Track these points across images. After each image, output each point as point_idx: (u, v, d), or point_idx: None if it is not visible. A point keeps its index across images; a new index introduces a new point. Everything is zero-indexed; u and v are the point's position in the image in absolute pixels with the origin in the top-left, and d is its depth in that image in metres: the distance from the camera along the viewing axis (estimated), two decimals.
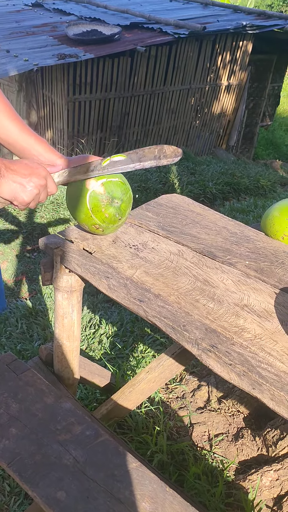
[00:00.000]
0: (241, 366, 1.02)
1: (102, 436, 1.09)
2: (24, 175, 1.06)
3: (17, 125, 1.19)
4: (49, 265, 1.40)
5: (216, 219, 1.61)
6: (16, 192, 1.06)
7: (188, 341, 1.08)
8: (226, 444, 1.79)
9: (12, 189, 1.05)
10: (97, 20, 6.94)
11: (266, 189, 5.86)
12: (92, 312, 2.73)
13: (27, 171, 1.07)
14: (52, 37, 6.52)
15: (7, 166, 1.05)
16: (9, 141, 1.20)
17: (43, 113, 6.87)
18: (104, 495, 0.95)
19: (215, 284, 1.26)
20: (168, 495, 0.95)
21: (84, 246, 1.37)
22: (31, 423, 1.12)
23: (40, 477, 0.99)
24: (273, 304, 1.20)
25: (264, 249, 1.44)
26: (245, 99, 8.33)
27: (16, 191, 1.06)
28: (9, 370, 1.29)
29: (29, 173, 1.07)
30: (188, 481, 1.62)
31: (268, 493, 1.57)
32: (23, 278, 3.55)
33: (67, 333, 1.50)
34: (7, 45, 6.18)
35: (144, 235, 1.46)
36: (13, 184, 1.05)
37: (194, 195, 5.36)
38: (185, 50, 6.93)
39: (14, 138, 1.19)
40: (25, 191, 1.07)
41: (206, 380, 2.06)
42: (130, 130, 7.13)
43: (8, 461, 1.02)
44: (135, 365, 2.20)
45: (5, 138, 1.20)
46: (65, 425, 1.11)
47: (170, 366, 1.68)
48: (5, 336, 2.59)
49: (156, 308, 1.15)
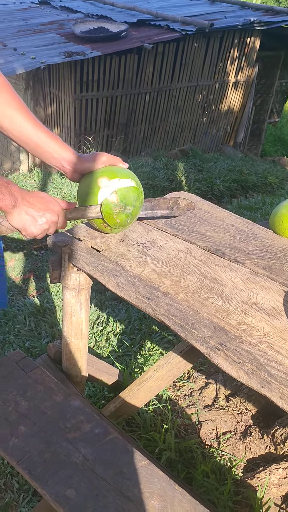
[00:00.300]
0: (250, 364, 1.01)
1: (111, 434, 1.09)
2: (38, 209, 1.08)
3: (31, 122, 1.19)
4: (57, 263, 1.40)
5: (224, 217, 1.60)
6: (26, 224, 1.08)
7: (197, 339, 1.07)
8: (234, 442, 1.78)
9: (24, 220, 1.08)
10: (104, 17, 6.93)
11: (274, 186, 5.82)
12: (99, 309, 2.74)
13: (42, 206, 1.09)
14: (59, 35, 6.53)
15: (24, 197, 1.07)
16: (23, 138, 1.20)
17: (50, 111, 6.88)
18: (113, 493, 0.95)
19: (224, 282, 1.26)
20: (177, 493, 0.95)
21: (92, 244, 1.37)
22: (40, 421, 1.13)
23: (50, 475, 0.99)
24: (282, 302, 1.20)
25: (272, 247, 1.43)
26: (253, 95, 8.28)
27: (27, 223, 1.08)
28: (18, 368, 1.30)
29: (44, 208, 1.09)
30: (197, 479, 1.62)
31: (277, 491, 1.56)
32: (31, 276, 3.56)
33: (75, 331, 1.51)
34: (14, 43, 6.19)
35: (152, 233, 1.46)
36: (25, 216, 1.07)
37: (202, 192, 5.34)
38: (193, 47, 6.90)
39: (28, 136, 1.19)
40: (36, 225, 1.09)
41: (214, 377, 2.06)
42: (137, 127, 7.12)
43: (18, 459, 1.03)
44: (142, 363, 2.20)
45: (19, 135, 1.20)
46: (74, 423, 1.12)
47: (178, 364, 1.68)
48: (14, 333, 2.61)
49: (164, 306, 1.15)
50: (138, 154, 7.17)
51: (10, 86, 1.21)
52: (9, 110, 1.19)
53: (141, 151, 7.31)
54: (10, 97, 1.19)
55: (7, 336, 2.59)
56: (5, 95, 1.18)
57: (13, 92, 1.21)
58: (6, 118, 1.19)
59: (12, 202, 1.04)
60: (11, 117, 1.19)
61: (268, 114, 9.13)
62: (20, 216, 1.07)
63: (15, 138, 1.22)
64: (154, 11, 7.11)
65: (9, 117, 1.19)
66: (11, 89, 1.21)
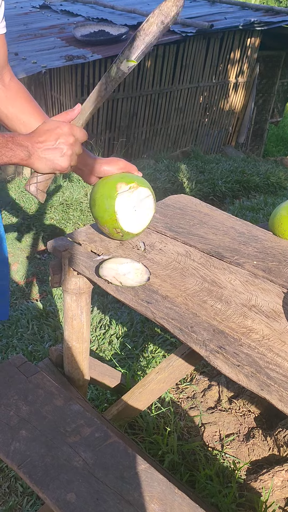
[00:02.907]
0: (249, 367, 1.01)
1: (111, 438, 1.09)
2: (52, 142, 1.03)
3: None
4: (57, 268, 1.41)
5: (224, 219, 1.60)
6: (52, 163, 1.04)
7: (196, 343, 1.08)
8: (237, 444, 1.78)
9: (47, 162, 1.03)
10: (104, 20, 6.95)
11: (277, 186, 5.82)
12: (102, 312, 2.74)
13: (53, 137, 1.03)
14: (59, 38, 6.55)
15: (33, 141, 1.02)
16: None
17: (52, 115, 6.90)
18: (113, 497, 0.96)
19: (223, 284, 1.26)
20: (177, 497, 0.95)
21: (92, 248, 1.38)
22: (41, 425, 1.13)
23: (50, 479, 1.00)
24: (281, 305, 1.20)
25: (272, 249, 1.43)
26: (254, 95, 8.27)
27: (52, 162, 1.04)
28: (19, 372, 1.30)
29: (55, 137, 1.04)
30: (200, 481, 1.62)
31: (280, 493, 1.56)
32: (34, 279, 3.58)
33: (76, 335, 1.51)
34: (15, 48, 6.22)
35: (152, 236, 1.46)
36: (46, 156, 1.03)
37: (204, 193, 5.34)
38: (193, 49, 6.91)
39: None
40: (60, 157, 1.04)
41: (216, 379, 2.06)
42: (139, 129, 7.13)
43: (19, 463, 1.03)
44: (145, 365, 2.20)
45: None
46: (75, 427, 1.12)
47: (180, 367, 1.68)
48: (17, 337, 2.61)
49: (163, 310, 1.16)
50: (140, 157, 7.18)
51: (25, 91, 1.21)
52: (24, 116, 1.19)
53: (143, 153, 7.32)
54: (25, 102, 1.19)
55: (10, 340, 2.60)
56: (20, 101, 1.19)
57: (28, 97, 1.21)
58: (21, 125, 1.20)
59: (26, 153, 1.00)
60: (26, 123, 1.19)
61: (270, 114, 9.12)
62: (41, 160, 1.03)
63: None
64: None
65: (24, 123, 1.20)
66: (26, 94, 1.21)
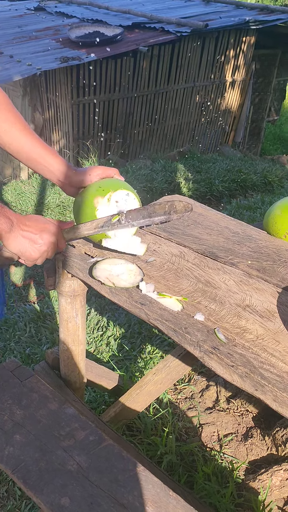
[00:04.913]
0: (243, 367, 1.01)
1: (105, 441, 1.09)
2: (35, 231, 1.06)
3: (27, 136, 1.21)
4: (52, 270, 1.41)
5: (218, 219, 1.60)
6: (24, 248, 1.05)
7: (190, 344, 1.07)
8: (235, 444, 1.78)
9: (21, 244, 1.05)
10: (99, 21, 6.94)
11: (274, 185, 5.82)
12: (99, 314, 2.74)
13: (38, 227, 1.06)
14: (54, 40, 6.54)
15: (19, 220, 1.04)
16: (19, 152, 1.22)
17: (48, 117, 6.90)
18: (108, 501, 0.95)
19: (217, 285, 1.25)
20: (172, 499, 0.95)
21: (86, 250, 1.38)
22: (35, 429, 1.13)
23: (45, 483, 0.99)
24: (276, 304, 1.19)
25: (266, 248, 1.43)
26: (251, 94, 8.28)
27: (24, 247, 1.05)
28: (13, 376, 1.30)
29: (40, 229, 1.07)
30: (198, 482, 1.62)
31: (279, 492, 1.56)
32: (31, 282, 3.57)
33: (72, 337, 1.51)
34: (10, 50, 6.21)
35: (146, 237, 1.46)
36: (23, 240, 1.05)
37: (201, 193, 5.34)
38: (188, 48, 6.91)
39: (24, 149, 1.21)
40: (34, 248, 1.07)
41: (214, 380, 2.06)
42: (135, 130, 7.13)
43: (13, 468, 1.03)
44: (143, 367, 2.20)
45: (15, 149, 1.22)
46: (69, 430, 1.12)
47: (177, 367, 1.67)
48: (14, 340, 2.61)
49: (157, 311, 1.15)
50: (137, 157, 7.17)
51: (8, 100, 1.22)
52: (6, 124, 1.20)
53: (139, 154, 7.32)
54: (7, 111, 1.20)
55: (7, 343, 2.59)
56: (2, 111, 1.19)
57: (10, 107, 1.22)
58: (2, 133, 1.20)
59: (8, 226, 1.01)
60: (7, 132, 1.20)
61: (266, 112, 9.12)
62: (17, 240, 1.04)
63: (12, 152, 1.23)
64: (148, 14, 7.12)
65: (5, 132, 1.20)
66: (8, 103, 1.22)
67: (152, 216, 1.14)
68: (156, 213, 1.14)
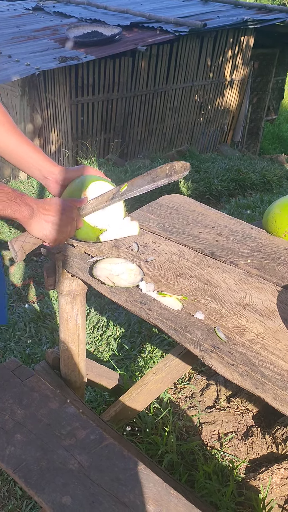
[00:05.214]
0: (244, 366, 1.01)
1: (106, 440, 1.09)
2: (55, 214, 1.09)
3: (15, 136, 1.22)
4: (52, 270, 1.41)
5: (217, 218, 1.60)
6: (47, 231, 1.09)
7: (190, 342, 1.07)
8: (236, 442, 1.78)
9: (44, 228, 1.09)
10: (97, 21, 6.94)
11: (273, 184, 5.81)
12: (99, 313, 2.74)
13: (57, 210, 1.10)
14: (53, 40, 6.53)
15: (39, 206, 1.08)
16: (7, 151, 1.23)
17: (47, 116, 6.89)
18: (109, 499, 0.95)
19: (217, 284, 1.26)
20: (173, 498, 0.95)
21: (86, 250, 1.38)
22: (36, 428, 1.13)
23: (46, 482, 0.99)
24: (276, 302, 1.20)
25: (266, 247, 1.43)
26: (249, 94, 8.27)
27: (48, 230, 1.09)
28: (14, 376, 1.30)
29: (60, 211, 1.10)
30: (199, 481, 1.62)
31: (279, 491, 1.56)
32: (31, 282, 3.57)
33: (72, 337, 1.51)
34: (9, 50, 6.20)
35: (146, 237, 1.46)
36: (45, 224, 1.08)
37: (200, 192, 5.34)
38: (187, 48, 6.91)
39: (12, 149, 1.22)
40: (57, 230, 1.10)
41: (214, 378, 2.06)
42: (134, 130, 7.13)
43: (14, 467, 1.03)
44: (143, 366, 2.20)
45: (3, 148, 1.22)
46: (70, 430, 1.12)
47: (177, 366, 1.67)
48: (14, 340, 2.61)
49: (157, 310, 1.15)
50: (136, 157, 7.17)
51: None
52: None
53: (138, 153, 7.31)
54: None
55: (8, 343, 2.59)
56: None
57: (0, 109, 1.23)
58: None
59: (29, 212, 1.05)
60: None
61: (265, 111, 9.12)
62: (40, 224, 1.08)
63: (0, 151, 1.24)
64: (147, 14, 7.12)
65: None
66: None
67: (156, 180, 1.17)
68: (159, 176, 1.17)
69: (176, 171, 1.17)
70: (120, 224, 1.29)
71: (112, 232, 1.27)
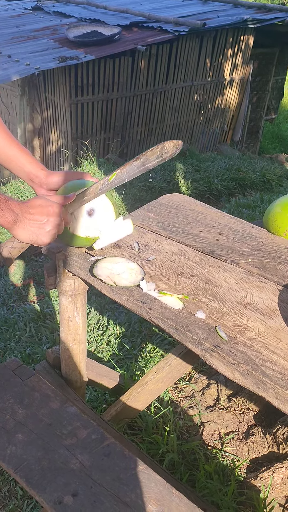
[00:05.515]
0: (245, 365, 1.01)
1: (107, 439, 1.09)
2: (41, 218, 1.08)
3: (5, 138, 1.23)
4: (52, 269, 1.41)
5: (218, 217, 1.60)
6: (34, 235, 1.09)
7: (192, 342, 1.07)
8: (236, 442, 1.78)
9: (30, 233, 1.08)
10: (97, 21, 6.94)
11: (273, 183, 5.82)
12: (100, 313, 2.74)
13: (43, 213, 1.09)
14: (52, 40, 6.54)
15: (23, 210, 1.07)
16: None
17: (47, 116, 6.89)
18: (110, 499, 0.95)
19: (218, 283, 1.25)
20: (175, 497, 0.95)
21: (86, 249, 1.37)
22: (37, 428, 1.13)
23: (47, 482, 0.99)
24: (277, 302, 1.19)
25: (266, 246, 1.43)
26: (249, 93, 8.28)
27: (34, 234, 1.09)
28: (15, 375, 1.30)
29: (46, 213, 1.09)
30: (200, 480, 1.62)
31: (280, 490, 1.56)
32: (31, 281, 3.57)
33: (72, 337, 1.51)
34: (8, 50, 6.20)
35: (146, 236, 1.46)
36: (30, 228, 1.08)
37: (200, 192, 5.34)
38: (186, 47, 6.91)
39: (1, 151, 1.22)
40: (43, 233, 1.10)
41: (215, 378, 2.06)
42: (134, 129, 7.13)
43: (15, 467, 1.03)
44: (143, 365, 2.20)
45: None
46: (71, 429, 1.12)
47: (178, 366, 1.67)
48: (15, 340, 2.61)
49: (158, 309, 1.15)
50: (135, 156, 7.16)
51: None
52: None
53: (138, 153, 7.31)
54: None
55: (8, 343, 2.59)
56: None
57: None
58: None
59: (13, 218, 1.04)
60: None
61: (264, 111, 9.12)
62: (25, 229, 1.08)
63: None
64: (146, 13, 7.12)
65: None
66: None
67: (146, 164, 1.13)
68: (149, 160, 1.13)
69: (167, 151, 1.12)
70: (113, 227, 1.29)
71: (105, 237, 1.28)
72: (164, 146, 1.14)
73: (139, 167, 1.15)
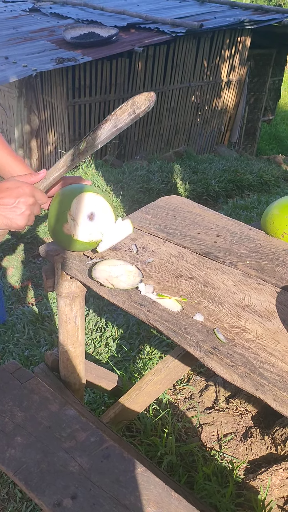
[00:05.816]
0: (243, 367, 1.01)
1: (106, 442, 1.09)
2: (11, 200, 1.05)
3: None
4: (50, 272, 1.41)
5: (216, 219, 1.60)
6: (8, 220, 1.06)
7: (190, 344, 1.07)
8: (235, 443, 1.78)
9: (3, 217, 1.05)
10: (94, 22, 6.94)
11: (270, 184, 5.83)
12: (98, 315, 2.74)
13: (13, 195, 1.05)
14: (50, 41, 6.54)
15: None
16: None
17: (44, 118, 6.89)
18: (110, 501, 0.95)
19: (216, 285, 1.26)
20: (174, 500, 0.95)
21: (85, 252, 1.38)
22: (36, 431, 1.13)
23: (46, 485, 0.99)
24: (275, 304, 1.20)
25: (264, 248, 1.43)
26: (246, 94, 8.30)
27: (7, 219, 1.05)
28: (14, 378, 1.30)
29: (15, 195, 1.06)
30: (198, 482, 1.62)
31: (278, 491, 1.56)
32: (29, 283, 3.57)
33: (71, 339, 1.51)
34: (5, 52, 6.20)
35: (144, 238, 1.46)
36: (3, 213, 1.04)
37: (197, 193, 5.34)
38: (183, 49, 6.92)
39: None
40: (17, 216, 1.06)
41: (213, 380, 2.06)
42: (131, 131, 7.13)
43: (15, 470, 1.03)
44: (142, 367, 2.20)
45: None
46: (70, 432, 1.12)
47: (176, 368, 1.68)
48: (13, 342, 2.61)
49: (157, 312, 1.15)
50: (133, 158, 7.18)
51: None
52: None
53: (136, 154, 7.32)
54: None
55: (6, 346, 2.59)
56: None
57: None
58: None
59: None
60: None
61: (262, 112, 9.14)
62: None
63: None
64: (143, 14, 7.13)
65: None
66: None
67: (118, 124, 1.07)
68: (120, 119, 1.07)
69: (139, 106, 1.04)
70: (113, 229, 1.29)
71: (107, 240, 1.28)
72: (135, 101, 1.08)
73: (111, 129, 1.08)
